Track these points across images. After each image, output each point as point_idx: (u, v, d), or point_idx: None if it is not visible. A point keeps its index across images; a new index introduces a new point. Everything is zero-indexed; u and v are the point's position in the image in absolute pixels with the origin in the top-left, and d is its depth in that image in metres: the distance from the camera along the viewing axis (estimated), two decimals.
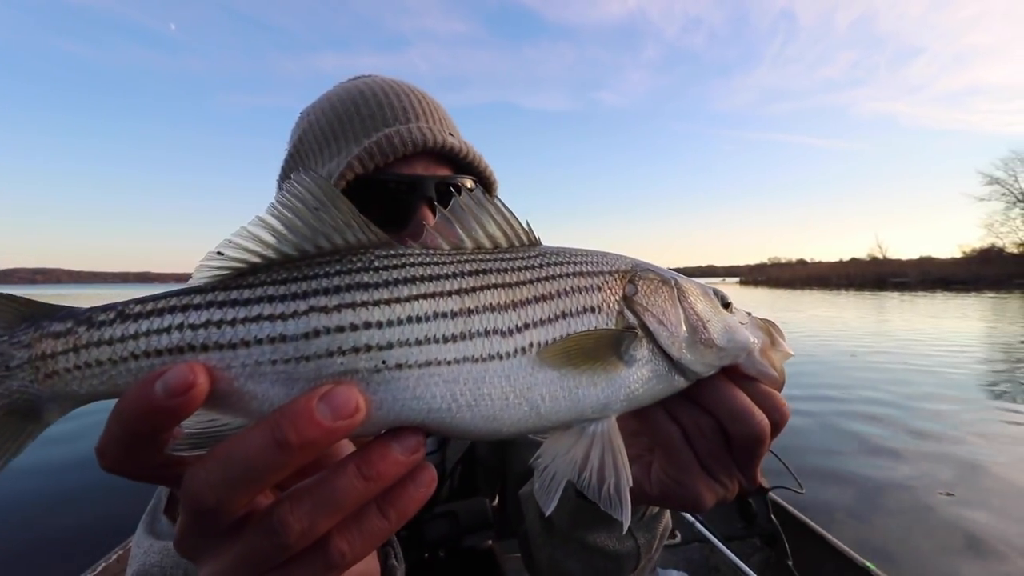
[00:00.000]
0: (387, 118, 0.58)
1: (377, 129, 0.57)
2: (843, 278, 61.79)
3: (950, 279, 48.96)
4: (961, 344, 9.98)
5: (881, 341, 10.40)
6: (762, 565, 2.14)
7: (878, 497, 3.11)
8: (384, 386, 0.34)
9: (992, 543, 2.57)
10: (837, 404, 5.30)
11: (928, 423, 4.62)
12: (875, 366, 7.55)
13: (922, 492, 3.15)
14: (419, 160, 0.57)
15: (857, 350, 9.07)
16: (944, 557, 2.49)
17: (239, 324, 0.33)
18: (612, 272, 0.41)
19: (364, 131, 0.58)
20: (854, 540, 2.39)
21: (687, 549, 2.34)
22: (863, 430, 4.41)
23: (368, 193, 0.56)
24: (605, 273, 0.40)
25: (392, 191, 0.56)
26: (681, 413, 0.43)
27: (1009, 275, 45.14)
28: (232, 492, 0.30)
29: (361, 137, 0.57)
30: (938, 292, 35.09)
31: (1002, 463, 3.59)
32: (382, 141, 0.55)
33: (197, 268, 0.36)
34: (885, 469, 3.54)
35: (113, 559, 2.21)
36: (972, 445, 4.00)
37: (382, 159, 0.55)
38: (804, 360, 8.03)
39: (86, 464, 4.04)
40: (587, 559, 0.65)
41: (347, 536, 0.32)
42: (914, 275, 55.32)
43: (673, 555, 2.32)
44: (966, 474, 3.40)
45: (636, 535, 0.64)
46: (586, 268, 0.40)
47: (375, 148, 0.55)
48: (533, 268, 0.38)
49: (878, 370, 7.25)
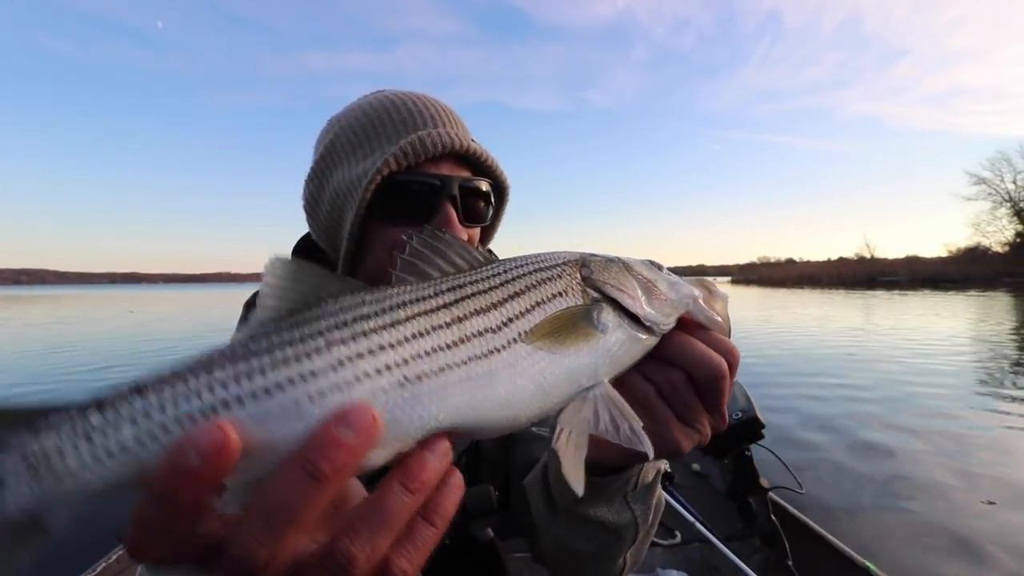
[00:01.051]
0: (417, 123, 0.63)
1: (409, 132, 0.62)
2: (834, 277, 62.36)
3: (939, 278, 49.53)
4: (957, 343, 10.07)
5: (878, 340, 10.49)
6: (762, 565, 2.14)
7: (878, 497, 3.13)
8: (412, 400, 0.37)
9: (993, 543, 2.59)
10: (837, 404, 5.33)
11: (928, 423, 4.65)
12: (873, 366, 7.61)
13: (923, 492, 3.17)
14: (445, 162, 0.63)
15: (855, 349, 9.14)
16: (944, 557, 2.50)
17: (268, 371, 0.35)
18: (566, 263, 0.48)
19: (397, 134, 0.63)
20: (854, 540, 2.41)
21: (687, 549, 2.34)
22: (863, 430, 4.44)
23: (397, 190, 0.62)
24: (561, 264, 0.47)
25: (420, 188, 0.61)
26: (653, 372, 0.50)
27: (996, 274, 45.89)
28: (280, 540, 0.30)
29: (395, 139, 0.63)
30: (928, 291, 35.45)
31: (1004, 462, 3.62)
32: (415, 142, 0.60)
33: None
34: (885, 469, 3.56)
35: (113, 559, 2.19)
36: (972, 445, 4.04)
37: (415, 158, 0.61)
38: (803, 360, 8.09)
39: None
40: (591, 534, 0.70)
41: (403, 552, 0.33)
42: (904, 274, 55.93)
43: (673, 555, 2.32)
44: (967, 474, 3.43)
45: (632, 507, 0.69)
46: (544, 264, 0.47)
47: (409, 148, 0.60)
48: (500, 274, 0.45)
49: (876, 370, 7.30)
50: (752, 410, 2.09)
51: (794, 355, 8.69)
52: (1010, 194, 54.69)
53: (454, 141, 0.62)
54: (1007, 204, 54.82)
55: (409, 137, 0.61)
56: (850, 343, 10.01)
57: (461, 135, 0.63)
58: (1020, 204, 54.04)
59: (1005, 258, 51.31)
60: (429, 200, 0.62)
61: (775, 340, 10.65)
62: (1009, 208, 54.75)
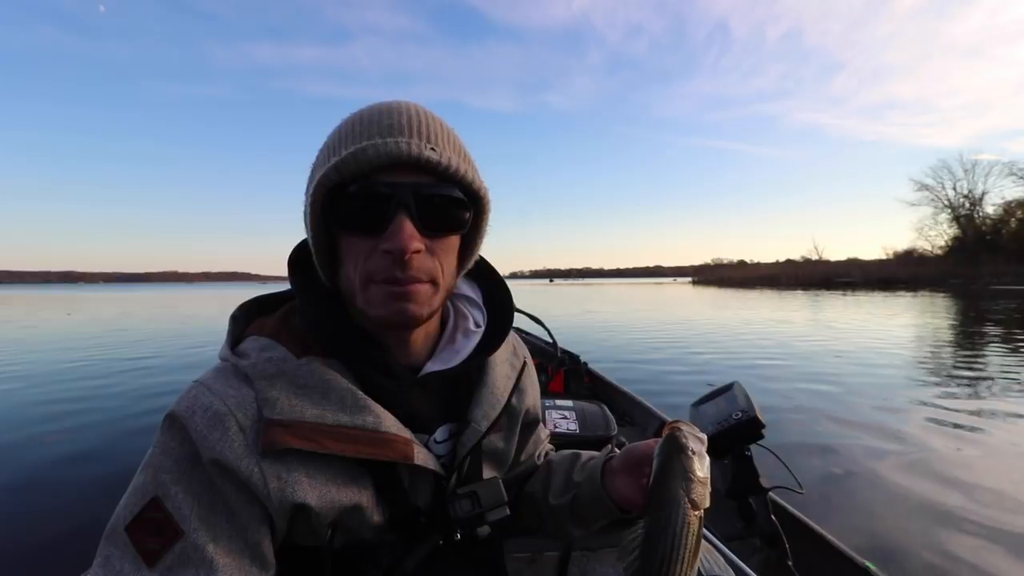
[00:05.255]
0: (371, 133, 0.59)
1: (359, 143, 0.59)
2: (792, 278, 64.49)
3: (890, 279, 52.12)
4: (943, 340, 10.43)
5: (861, 339, 10.72)
6: (762, 565, 2.12)
7: (879, 497, 3.15)
8: None
9: (993, 544, 2.63)
10: (836, 404, 5.40)
11: (929, 421, 4.74)
12: (873, 365, 7.72)
13: (924, 492, 3.21)
14: (402, 171, 0.59)
15: (839, 349, 9.31)
16: (945, 557, 2.53)
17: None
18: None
19: (347, 145, 0.60)
20: (854, 540, 2.42)
21: None
22: (862, 430, 4.50)
23: (349, 200, 0.59)
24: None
25: (370, 198, 0.59)
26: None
27: (943, 275, 48.59)
28: None
29: (342, 151, 0.60)
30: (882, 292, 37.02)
31: (1005, 462, 3.71)
32: (357, 152, 0.58)
33: None
34: (886, 468, 3.60)
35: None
36: (975, 445, 4.12)
37: (357, 167, 0.58)
38: (802, 360, 8.18)
39: (85, 463, 3.99)
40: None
41: None
42: (858, 275, 58.39)
43: None
44: (968, 474, 3.48)
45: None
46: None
47: (349, 158, 0.57)
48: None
49: (875, 367, 7.46)
50: (752, 410, 2.07)
51: (788, 354, 8.82)
52: (950, 201, 58.42)
53: (401, 150, 0.57)
54: (948, 210, 58.40)
55: (352, 148, 0.58)
56: (832, 342, 10.22)
57: (416, 144, 0.59)
58: (959, 211, 57.54)
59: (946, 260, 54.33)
60: (381, 209, 0.58)
61: (770, 339, 10.86)
62: (949, 214, 58.24)
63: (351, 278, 0.61)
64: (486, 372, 0.73)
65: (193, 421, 0.55)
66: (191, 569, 0.51)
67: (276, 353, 0.61)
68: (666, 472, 0.58)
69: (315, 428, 0.56)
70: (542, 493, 0.85)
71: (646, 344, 10.48)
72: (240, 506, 0.55)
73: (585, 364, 4.20)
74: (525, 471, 0.90)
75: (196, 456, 0.54)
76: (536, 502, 0.86)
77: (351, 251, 0.61)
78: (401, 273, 0.58)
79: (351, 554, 0.62)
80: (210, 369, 0.62)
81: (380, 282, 0.59)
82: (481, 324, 0.74)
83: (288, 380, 0.58)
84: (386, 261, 0.58)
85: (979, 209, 56.58)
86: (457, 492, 0.69)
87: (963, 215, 57.48)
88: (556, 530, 0.85)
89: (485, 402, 0.71)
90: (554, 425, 2.18)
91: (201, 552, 0.51)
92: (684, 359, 8.56)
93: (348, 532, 0.61)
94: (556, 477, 0.84)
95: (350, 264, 0.62)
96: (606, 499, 0.73)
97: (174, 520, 0.52)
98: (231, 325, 0.68)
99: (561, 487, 0.82)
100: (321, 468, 0.57)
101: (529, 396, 0.83)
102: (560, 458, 0.88)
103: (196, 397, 0.57)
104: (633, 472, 0.70)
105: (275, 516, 0.56)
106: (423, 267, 0.59)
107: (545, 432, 0.95)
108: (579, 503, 0.78)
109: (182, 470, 0.54)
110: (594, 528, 0.78)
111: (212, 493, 0.54)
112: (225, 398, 0.56)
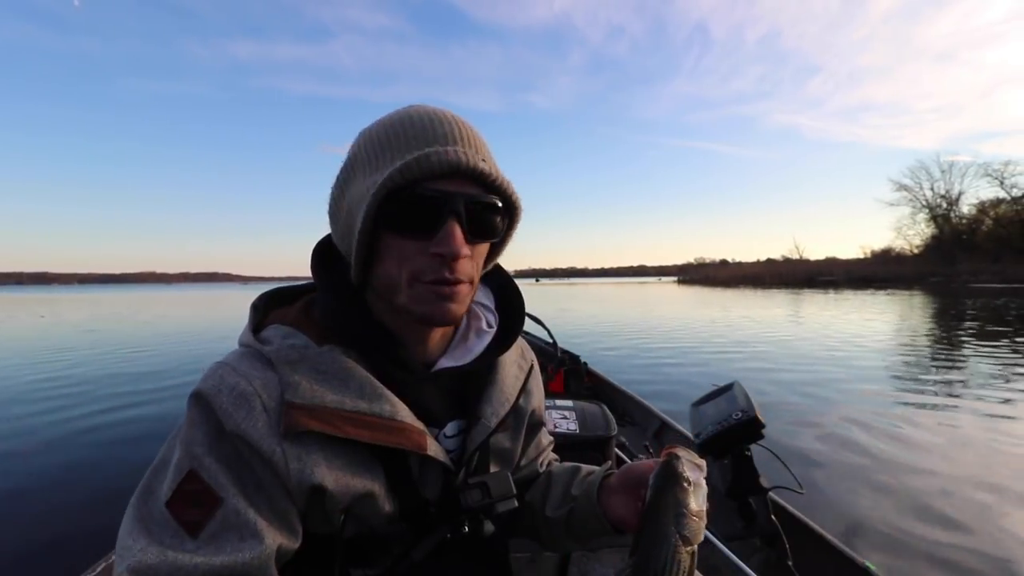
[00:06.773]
0: (428, 140, 0.62)
1: (420, 148, 0.62)
2: (775, 277, 65.42)
3: (871, 278, 53.11)
4: (942, 339, 10.51)
5: (855, 338, 10.82)
6: (762, 565, 2.11)
7: (879, 497, 3.17)
8: None
9: (994, 544, 2.65)
10: (835, 403, 5.43)
11: (928, 422, 4.77)
12: (873, 365, 7.76)
13: (924, 492, 3.22)
14: (454, 179, 0.63)
15: (839, 349, 9.37)
16: (945, 558, 2.54)
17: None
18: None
19: (407, 149, 0.63)
20: (854, 540, 2.43)
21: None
22: (862, 429, 4.52)
23: (403, 204, 0.61)
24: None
25: (424, 204, 0.61)
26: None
27: (922, 273, 49.72)
28: None
29: (404, 154, 0.63)
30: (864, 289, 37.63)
31: (1006, 463, 3.73)
32: (421, 158, 0.60)
33: None
34: (886, 468, 3.61)
35: (113, 559, 1.97)
36: (977, 444, 4.15)
37: (419, 173, 0.60)
38: (802, 360, 8.22)
39: (85, 463, 3.98)
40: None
41: None
42: (840, 274, 59.45)
43: None
44: (969, 474, 3.50)
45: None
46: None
47: (414, 163, 0.60)
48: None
49: (876, 368, 7.50)
50: (752, 410, 2.06)
51: (786, 354, 8.87)
52: (928, 201, 59.98)
53: (460, 160, 0.61)
54: (925, 210, 59.95)
55: (415, 153, 0.61)
56: (833, 342, 10.28)
57: (470, 154, 0.63)
58: (937, 210, 59.01)
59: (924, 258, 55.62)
60: (433, 215, 0.62)
61: (766, 339, 10.95)
62: (927, 214, 59.75)
63: (393, 276, 0.63)
64: (496, 371, 0.75)
65: (219, 399, 0.56)
66: (234, 532, 0.54)
67: (298, 340, 0.63)
68: (659, 505, 0.57)
69: (335, 413, 0.58)
70: (540, 504, 0.87)
71: (652, 346, 10.33)
72: (267, 479, 0.57)
73: (585, 364, 4.20)
74: (527, 476, 0.91)
75: (221, 429, 0.56)
76: (534, 513, 0.88)
77: (397, 250, 0.63)
78: (450, 275, 0.61)
79: (362, 543, 0.64)
80: (231, 352, 0.64)
81: (428, 282, 0.61)
82: (493, 324, 0.77)
83: (310, 366, 0.60)
84: (435, 263, 0.61)
85: (956, 209, 58.40)
86: (468, 482, 0.71)
87: (940, 215, 59.15)
88: (551, 542, 0.87)
89: (495, 400, 0.73)
90: (554, 425, 2.16)
91: (242, 515, 0.54)
92: (683, 357, 8.60)
93: (359, 520, 0.63)
94: (554, 489, 0.85)
95: (391, 262, 0.64)
96: (601, 517, 0.74)
97: (212, 489, 0.54)
98: (252, 313, 0.71)
99: (558, 500, 0.83)
100: (338, 453, 0.60)
101: (535, 399, 0.86)
102: (560, 470, 0.90)
103: (222, 377, 0.58)
104: (630, 492, 0.71)
105: (294, 497, 0.58)
106: (465, 270, 0.63)
107: (548, 438, 0.97)
108: (574, 518, 0.79)
109: (211, 442, 0.56)
110: (588, 544, 0.80)
111: (240, 464, 0.56)
112: (251, 379, 0.58)
